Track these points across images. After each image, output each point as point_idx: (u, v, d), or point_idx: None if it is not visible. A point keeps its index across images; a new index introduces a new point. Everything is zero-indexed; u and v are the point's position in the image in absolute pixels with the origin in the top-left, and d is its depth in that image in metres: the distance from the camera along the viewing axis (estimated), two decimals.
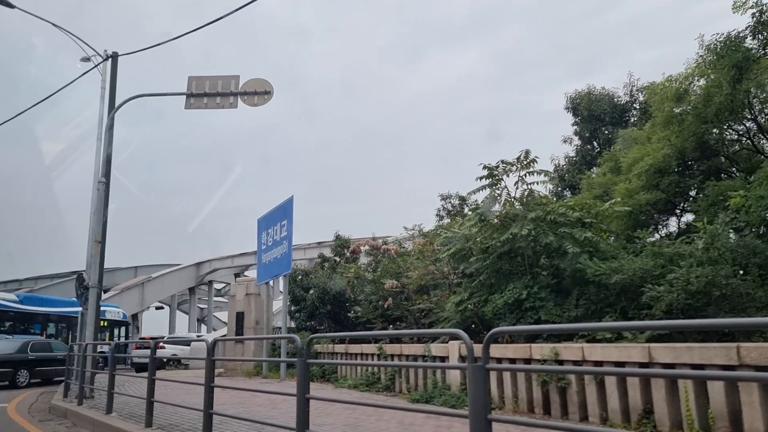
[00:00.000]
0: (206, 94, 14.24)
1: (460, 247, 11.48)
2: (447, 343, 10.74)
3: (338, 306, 20.02)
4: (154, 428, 8.15)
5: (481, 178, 10.75)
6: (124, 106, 18.71)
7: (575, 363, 7.89)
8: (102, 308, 34.16)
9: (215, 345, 7.18)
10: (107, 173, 14.70)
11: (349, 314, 19.04)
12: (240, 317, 19.54)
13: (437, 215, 22.03)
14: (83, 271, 17.33)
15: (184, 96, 14.29)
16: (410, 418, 8.60)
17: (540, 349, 8.49)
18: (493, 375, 9.54)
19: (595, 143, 18.96)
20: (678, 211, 13.41)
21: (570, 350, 7.98)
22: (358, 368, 14.43)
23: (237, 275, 53.85)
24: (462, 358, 10.30)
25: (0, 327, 24.68)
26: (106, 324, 30.53)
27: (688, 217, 14.24)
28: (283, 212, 16.93)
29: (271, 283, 19.72)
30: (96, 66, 19.01)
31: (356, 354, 14.69)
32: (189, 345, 27.22)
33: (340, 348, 15.72)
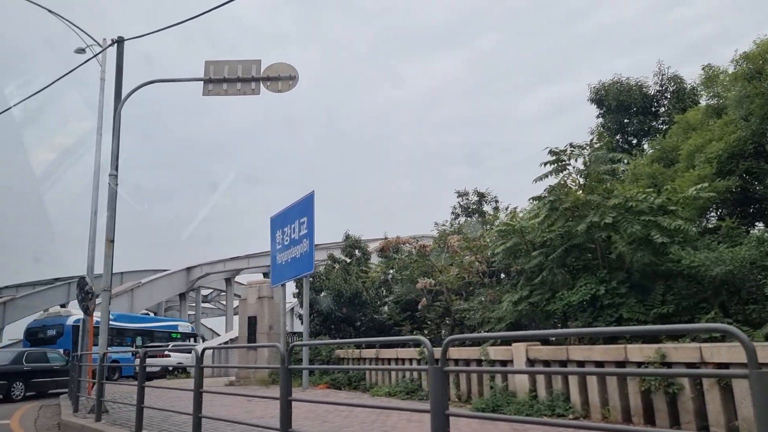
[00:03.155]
0: (225, 79, 13.13)
1: (517, 242, 10.53)
2: (510, 345, 9.75)
3: (354, 309, 18.99)
4: None
5: (545, 164, 9.82)
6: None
7: (689, 366, 6.96)
8: (175, 323, 36.90)
9: (296, 349, 6.12)
10: (116, 166, 13.43)
11: (374, 317, 17.97)
12: (252, 322, 18.42)
13: (453, 213, 21.08)
14: (84, 276, 16.07)
15: (202, 82, 13.15)
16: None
17: (639, 351, 7.55)
18: (573, 379, 8.60)
19: (620, 135, 18.21)
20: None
21: (683, 351, 7.04)
22: (392, 375, 13.40)
23: (228, 280, 52.43)
24: (531, 362, 9.34)
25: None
26: (179, 336, 34.30)
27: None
28: (303, 208, 15.84)
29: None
30: (96, 55, 17.79)
31: (391, 359, 13.66)
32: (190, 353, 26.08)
33: (369, 353, 14.67)
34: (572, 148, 9.55)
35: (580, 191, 9.42)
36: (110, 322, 30.16)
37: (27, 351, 19.01)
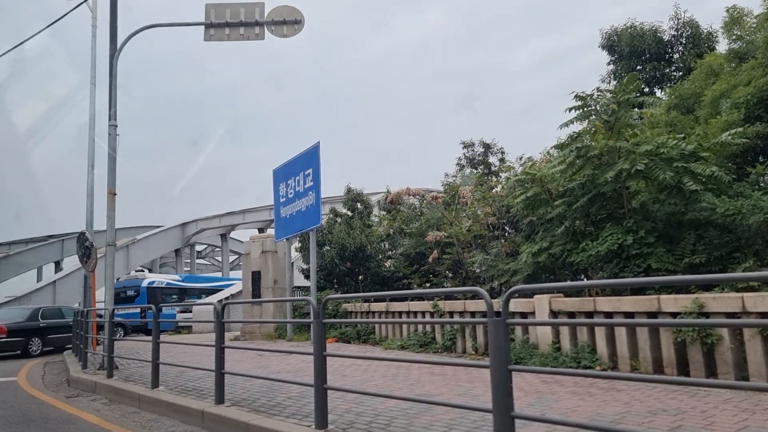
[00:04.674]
0: (228, 24, 12.47)
1: (538, 191, 10.19)
2: (532, 297, 9.52)
3: (358, 263, 18.76)
4: (228, 405, 6.81)
5: (571, 109, 9.40)
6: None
7: (729, 316, 6.75)
8: (231, 282, 37.28)
9: (326, 303, 5.80)
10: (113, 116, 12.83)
11: (378, 271, 17.72)
12: (256, 277, 18.17)
13: (458, 164, 20.62)
14: (83, 231, 15.66)
15: (203, 27, 12.48)
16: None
17: (674, 302, 7.32)
18: (599, 330, 8.41)
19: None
20: None
21: (723, 301, 6.81)
22: (403, 328, 13.25)
23: (223, 236, 52.15)
24: (554, 314, 9.14)
25: (170, 299, 31.94)
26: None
27: None
28: (308, 160, 15.38)
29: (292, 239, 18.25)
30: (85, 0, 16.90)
31: (402, 312, 13.47)
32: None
33: (378, 306, 14.49)
34: (600, 92, 9.12)
35: (607, 138, 9.00)
36: (179, 283, 33.55)
37: (43, 308, 19.36)
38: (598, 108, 9.02)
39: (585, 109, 9.22)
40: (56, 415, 7.90)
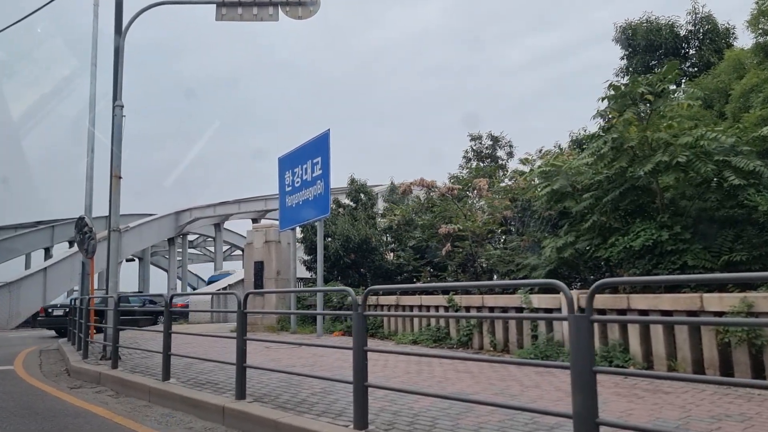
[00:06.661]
0: (241, 3, 12.00)
1: (564, 184, 9.83)
2: (558, 293, 9.18)
3: (362, 255, 18.37)
4: (250, 400, 6.41)
5: (603, 99, 9.05)
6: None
7: None
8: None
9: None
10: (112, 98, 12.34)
11: (382, 264, 17.34)
12: (258, 267, 17.71)
13: (464, 157, 20.24)
14: (83, 216, 15.16)
15: (214, 6, 12.00)
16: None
17: (719, 300, 7.00)
18: (633, 328, 8.09)
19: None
20: None
21: None
22: (415, 322, 12.87)
23: (217, 226, 51.50)
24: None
25: None
26: None
27: None
28: (317, 148, 14.92)
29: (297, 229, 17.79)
30: None
31: (414, 306, 13.09)
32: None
33: (387, 300, 14.10)
34: (637, 81, 8.75)
35: (642, 129, 8.65)
36: None
37: None
38: (635, 98, 8.65)
39: (620, 99, 8.85)
40: (62, 407, 7.46)
